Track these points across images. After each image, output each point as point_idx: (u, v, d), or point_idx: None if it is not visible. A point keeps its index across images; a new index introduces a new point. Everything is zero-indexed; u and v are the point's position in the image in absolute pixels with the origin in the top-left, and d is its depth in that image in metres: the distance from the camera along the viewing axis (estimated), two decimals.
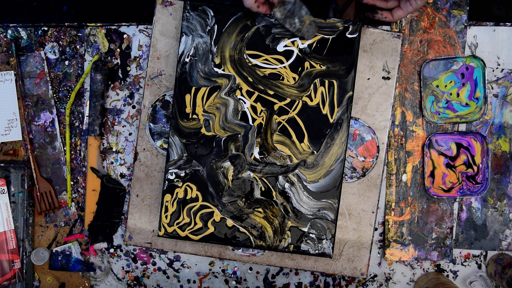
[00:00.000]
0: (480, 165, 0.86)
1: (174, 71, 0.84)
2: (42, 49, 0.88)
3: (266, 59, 0.80)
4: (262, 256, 0.85)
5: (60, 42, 0.88)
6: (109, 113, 0.88)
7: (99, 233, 0.89)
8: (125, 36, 0.88)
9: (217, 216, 0.81)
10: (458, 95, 0.86)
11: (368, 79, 0.83)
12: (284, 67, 0.80)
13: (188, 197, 0.81)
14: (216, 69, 0.80)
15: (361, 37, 0.82)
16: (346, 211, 0.84)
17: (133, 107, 0.89)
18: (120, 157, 0.89)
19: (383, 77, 0.83)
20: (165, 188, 0.81)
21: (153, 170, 0.85)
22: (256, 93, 0.80)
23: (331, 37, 0.79)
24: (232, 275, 0.90)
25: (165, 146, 0.85)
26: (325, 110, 0.80)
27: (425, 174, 0.86)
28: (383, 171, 0.85)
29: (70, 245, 0.89)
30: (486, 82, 0.86)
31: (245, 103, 0.80)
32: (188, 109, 0.81)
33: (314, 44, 0.79)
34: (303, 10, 0.77)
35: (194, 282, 0.90)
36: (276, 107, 0.80)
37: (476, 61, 0.85)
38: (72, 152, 0.89)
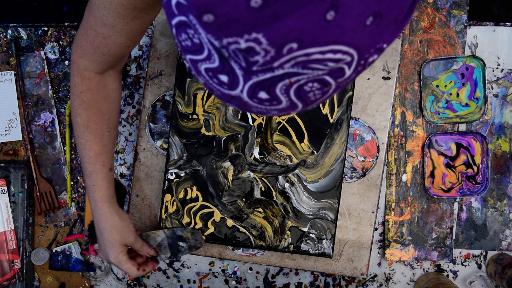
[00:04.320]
0: (480, 165, 0.86)
1: (174, 71, 0.84)
2: (42, 49, 0.88)
3: None
4: (262, 256, 0.85)
5: (60, 42, 0.88)
6: None
7: None
8: None
9: (217, 216, 0.81)
10: (458, 95, 0.86)
11: (368, 79, 0.83)
12: None
13: (188, 197, 0.81)
14: None
15: None
16: (346, 211, 0.84)
17: (133, 107, 0.89)
18: (120, 157, 0.89)
19: (383, 77, 0.83)
20: (165, 188, 0.81)
21: (153, 170, 0.85)
22: None
23: None
24: (232, 275, 0.90)
25: (165, 146, 0.85)
26: (325, 110, 0.80)
27: (425, 174, 0.86)
28: (383, 171, 0.85)
29: (70, 245, 0.89)
30: (486, 82, 0.86)
31: None
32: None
33: None
34: (178, 232, 0.78)
35: (194, 282, 0.90)
36: None
37: (476, 61, 0.85)
38: (72, 152, 0.89)
